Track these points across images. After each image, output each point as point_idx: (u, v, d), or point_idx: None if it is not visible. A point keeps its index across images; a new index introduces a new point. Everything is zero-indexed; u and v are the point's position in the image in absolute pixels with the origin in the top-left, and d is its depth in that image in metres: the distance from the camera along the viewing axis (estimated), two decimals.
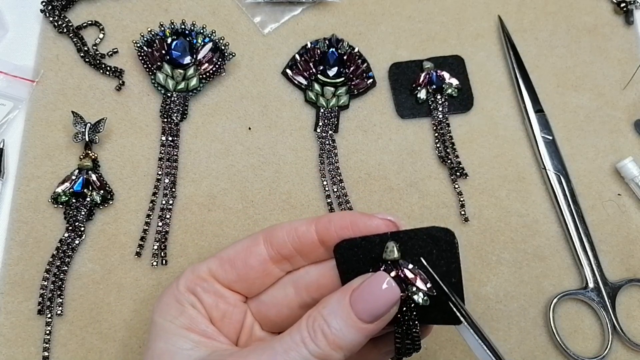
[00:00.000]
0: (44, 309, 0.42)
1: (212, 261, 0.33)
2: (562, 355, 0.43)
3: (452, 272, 0.30)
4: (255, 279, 0.33)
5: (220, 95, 0.49)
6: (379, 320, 0.29)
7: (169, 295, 0.32)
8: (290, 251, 0.32)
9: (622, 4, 0.53)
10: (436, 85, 0.49)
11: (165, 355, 0.30)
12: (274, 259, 0.32)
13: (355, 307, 0.28)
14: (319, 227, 0.32)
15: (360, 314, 0.28)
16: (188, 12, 0.51)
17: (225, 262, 0.32)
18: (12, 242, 0.43)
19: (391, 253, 0.30)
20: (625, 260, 0.45)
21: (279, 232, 0.32)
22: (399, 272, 0.30)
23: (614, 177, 0.48)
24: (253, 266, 0.32)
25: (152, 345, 0.31)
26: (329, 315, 0.28)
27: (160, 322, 0.31)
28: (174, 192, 0.45)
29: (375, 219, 0.31)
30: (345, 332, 0.28)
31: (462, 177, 0.47)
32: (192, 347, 0.30)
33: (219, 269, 0.32)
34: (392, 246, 0.30)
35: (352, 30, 0.51)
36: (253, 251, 0.32)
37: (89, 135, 0.45)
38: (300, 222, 0.32)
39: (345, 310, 0.28)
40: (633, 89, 0.51)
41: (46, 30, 0.50)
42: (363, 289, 0.29)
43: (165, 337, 0.30)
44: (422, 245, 0.30)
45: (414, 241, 0.30)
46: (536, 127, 0.48)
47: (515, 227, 0.46)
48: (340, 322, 0.28)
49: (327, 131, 0.47)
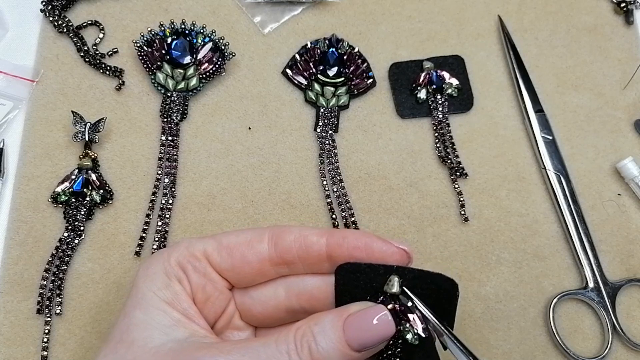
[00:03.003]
0: (43, 308, 0.42)
1: (210, 242, 0.32)
2: (562, 355, 0.43)
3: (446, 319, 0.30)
4: (248, 273, 0.32)
5: (220, 95, 0.49)
6: (367, 352, 0.29)
7: (157, 265, 0.31)
8: (294, 257, 0.32)
9: (622, 4, 0.53)
10: (436, 85, 0.49)
11: (142, 326, 0.29)
12: (274, 260, 0.32)
13: (348, 333, 0.28)
14: (331, 241, 0.31)
15: (350, 341, 0.28)
16: (188, 11, 0.51)
17: (224, 248, 0.32)
18: (11, 241, 0.43)
19: (392, 287, 0.30)
20: (625, 260, 0.45)
21: (287, 235, 0.32)
22: (395, 306, 0.30)
23: (614, 177, 0.48)
24: (250, 261, 0.32)
25: (130, 312, 0.30)
26: (319, 333, 0.28)
27: (143, 290, 0.30)
28: (173, 192, 0.45)
29: (392, 247, 0.31)
30: (331, 354, 0.28)
31: (462, 177, 0.47)
32: (170, 325, 0.29)
33: (215, 252, 0.32)
34: (395, 281, 0.30)
35: (352, 30, 0.51)
36: (254, 247, 0.32)
37: (89, 134, 0.45)
38: (311, 231, 0.32)
39: (336, 334, 0.28)
40: (633, 89, 0.51)
41: (46, 30, 0.50)
42: (360, 317, 0.29)
43: (146, 308, 0.30)
44: (424, 287, 0.30)
45: (417, 281, 0.30)
46: (536, 127, 0.48)
47: (515, 227, 0.46)
48: (329, 343, 0.28)
49: (327, 131, 0.47)
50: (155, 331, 0.29)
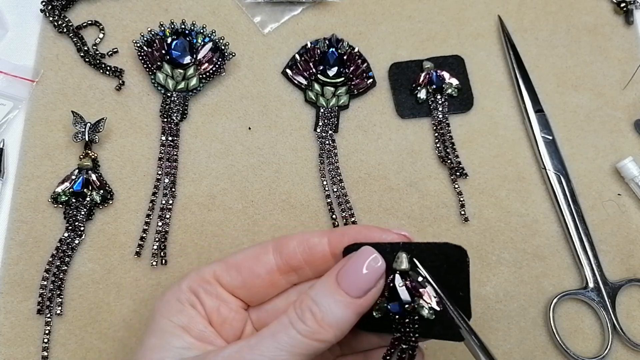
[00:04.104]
0: (44, 308, 0.42)
1: (218, 265, 0.33)
2: (562, 355, 0.43)
3: (460, 288, 0.30)
4: (260, 287, 0.32)
5: (220, 95, 0.49)
6: (367, 295, 0.29)
7: (170, 294, 0.32)
8: (300, 262, 0.32)
9: (622, 4, 0.53)
10: (436, 85, 0.49)
11: (156, 350, 0.30)
12: (282, 269, 0.32)
13: (343, 284, 0.29)
14: (333, 239, 0.32)
15: (348, 289, 0.28)
16: (188, 11, 0.51)
17: (232, 267, 0.32)
18: (11, 241, 0.43)
19: (401, 264, 0.30)
20: (625, 260, 0.45)
21: (289, 242, 0.32)
22: (406, 282, 0.30)
23: (614, 177, 0.48)
24: (259, 274, 0.32)
25: (146, 340, 0.30)
26: (316, 295, 0.29)
27: (158, 318, 0.31)
28: (173, 192, 0.45)
29: (391, 234, 0.31)
30: (334, 309, 0.28)
31: (462, 177, 0.47)
32: (185, 347, 0.30)
33: (224, 273, 0.32)
34: (403, 257, 0.30)
35: (352, 30, 0.51)
36: (261, 259, 0.32)
37: (89, 135, 0.45)
38: (312, 234, 0.32)
39: (332, 287, 0.29)
40: (633, 89, 0.51)
41: (46, 30, 0.50)
42: (349, 266, 0.29)
43: (161, 334, 0.30)
44: (433, 259, 0.30)
45: (425, 254, 0.30)
46: (536, 127, 0.48)
47: (515, 227, 0.46)
48: (328, 299, 0.28)
49: (327, 131, 0.47)
50: (169, 353, 0.29)
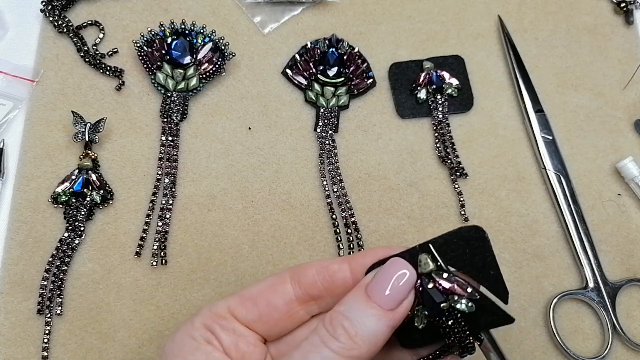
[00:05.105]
0: (44, 308, 0.42)
1: (232, 299, 0.31)
2: (562, 355, 0.43)
3: (489, 266, 0.29)
4: (278, 319, 0.31)
5: (220, 95, 0.49)
6: (400, 307, 0.28)
7: (182, 333, 0.30)
8: (320, 291, 0.31)
9: (622, 4, 0.53)
10: (436, 85, 0.49)
11: None
12: (301, 299, 0.31)
13: (374, 297, 0.28)
14: (354, 264, 0.30)
15: (380, 302, 0.27)
16: (188, 12, 0.51)
17: (247, 300, 0.31)
18: (12, 241, 0.43)
19: (426, 266, 0.29)
20: (625, 260, 0.45)
21: (308, 270, 0.31)
22: (435, 284, 0.29)
23: (614, 177, 0.48)
24: (277, 306, 0.30)
25: None
26: (347, 310, 0.27)
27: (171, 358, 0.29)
28: (173, 192, 0.45)
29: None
30: (367, 323, 0.27)
31: (462, 177, 0.47)
32: None
33: (239, 306, 0.31)
34: (426, 258, 0.29)
35: (352, 30, 0.51)
36: (278, 290, 0.31)
37: (89, 135, 0.45)
38: (330, 261, 0.31)
39: (363, 301, 0.28)
40: (633, 89, 0.51)
41: (46, 30, 0.50)
42: (379, 277, 0.28)
43: None
44: (454, 248, 0.29)
45: (444, 247, 0.29)
46: (536, 127, 0.48)
47: (515, 227, 0.46)
48: (360, 313, 0.27)
49: (327, 131, 0.47)
50: None
